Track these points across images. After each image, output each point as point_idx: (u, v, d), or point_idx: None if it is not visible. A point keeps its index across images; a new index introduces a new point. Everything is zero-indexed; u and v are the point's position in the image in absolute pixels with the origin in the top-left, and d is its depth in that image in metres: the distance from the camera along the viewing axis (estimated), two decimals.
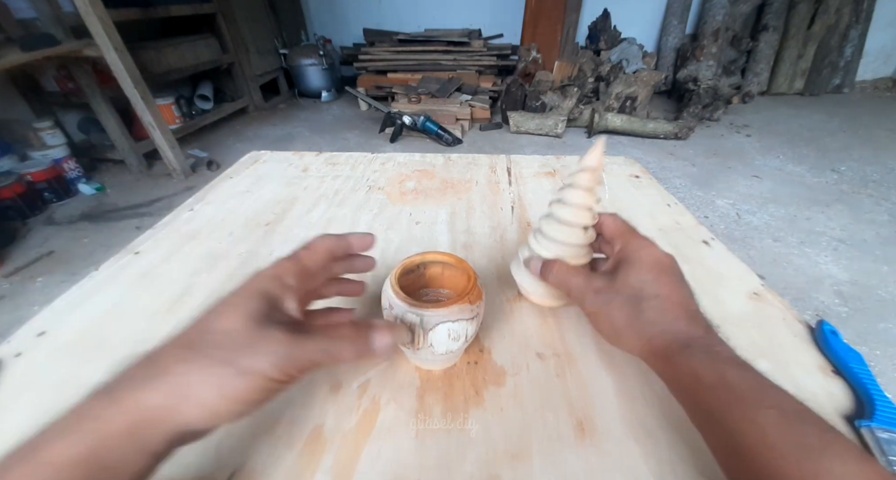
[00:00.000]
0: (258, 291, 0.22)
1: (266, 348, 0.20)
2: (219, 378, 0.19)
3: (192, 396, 0.18)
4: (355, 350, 0.22)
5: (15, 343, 0.35)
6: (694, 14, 3.13)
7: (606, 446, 0.27)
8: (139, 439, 0.18)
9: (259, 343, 0.20)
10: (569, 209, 0.32)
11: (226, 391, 0.19)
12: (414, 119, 2.36)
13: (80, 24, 1.66)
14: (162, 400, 0.18)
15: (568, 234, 0.32)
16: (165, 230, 0.50)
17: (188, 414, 0.18)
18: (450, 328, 0.27)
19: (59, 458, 0.17)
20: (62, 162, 1.91)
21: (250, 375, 0.19)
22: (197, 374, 0.19)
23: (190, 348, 0.19)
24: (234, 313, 0.21)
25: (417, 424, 0.28)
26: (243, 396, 0.19)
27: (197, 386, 0.18)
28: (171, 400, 0.18)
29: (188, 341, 0.20)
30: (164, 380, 0.18)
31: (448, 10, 3.41)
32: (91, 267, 0.44)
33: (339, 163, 0.68)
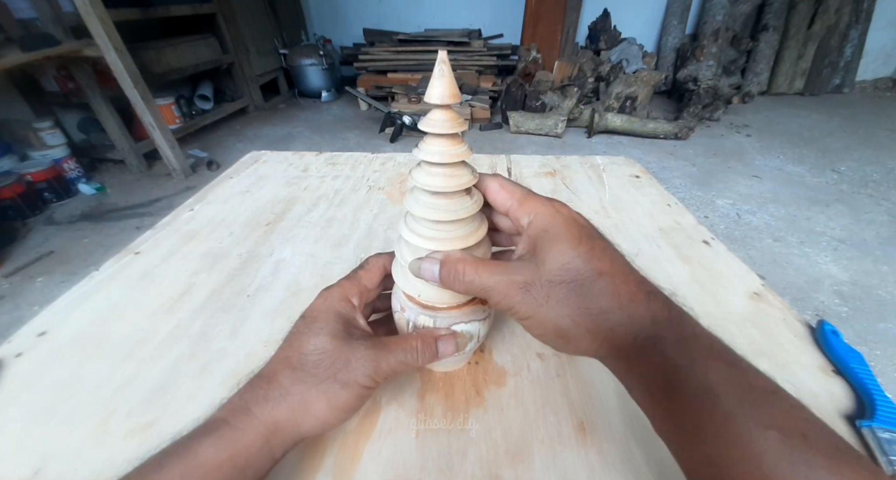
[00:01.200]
0: (333, 313, 0.25)
1: (357, 362, 0.23)
2: (327, 392, 0.22)
3: (310, 409, 0.22)
4: (427, 357, 0.25)
5: (15, 343, 0.35)
6: (694, 14, 3.13)
7: (607, 446, 0.27)
8: (269, 446, 0.21)
9: (350, 358, 0.23)
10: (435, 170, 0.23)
11: (333, 402, 0.23)
12: (414, 119, 2.36)
13: (80, 24, 1.66)
14: (289, 414, 0.22)
15: (447, 206, 0.24)
16: (165, 230, 0.50)
17: (307, 424, 0.22)
18: (463, 329, 0.27)
19: (208, 461, 0.20)
20: (62, 162, 1.91)
21: (350, 387, 0.23)
22: (312, 392, 0.22)
23: (298, 369, 0.23)
24: (320, 334, 0.24)
25: (418, 424, 0.28)
26: (347, 405, 0.23)
27: (313, 401, 0.22)
28: (296, 415, 0.22)
29: (293, 363, 0.23)
30: (288, 399, 0.22)
31: (448, 10, 3.41)
32: (91, 267, 0.44)
33: (340, 163, 0.68)
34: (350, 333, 0.25)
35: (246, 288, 0.41)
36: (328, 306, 0.26)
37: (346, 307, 0.26)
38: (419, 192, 0.25)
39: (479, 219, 0.26)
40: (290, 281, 0.42)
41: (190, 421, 0.22)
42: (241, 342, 0.35)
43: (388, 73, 3.02)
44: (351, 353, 0.23)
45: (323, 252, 0.46)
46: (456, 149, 0.23)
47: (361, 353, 0.23)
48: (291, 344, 0.24)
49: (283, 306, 0.39)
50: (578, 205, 0.54)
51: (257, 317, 0.37)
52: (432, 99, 0.21)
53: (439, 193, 0.24)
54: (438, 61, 0.21)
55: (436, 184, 0.23)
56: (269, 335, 0.36)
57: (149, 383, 0.32)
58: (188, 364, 0.33)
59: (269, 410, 0.22)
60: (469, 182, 0.24)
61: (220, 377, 0.32)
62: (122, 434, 0.28)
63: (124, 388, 0.31)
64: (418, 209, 0.24)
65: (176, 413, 0.29)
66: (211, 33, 2.63)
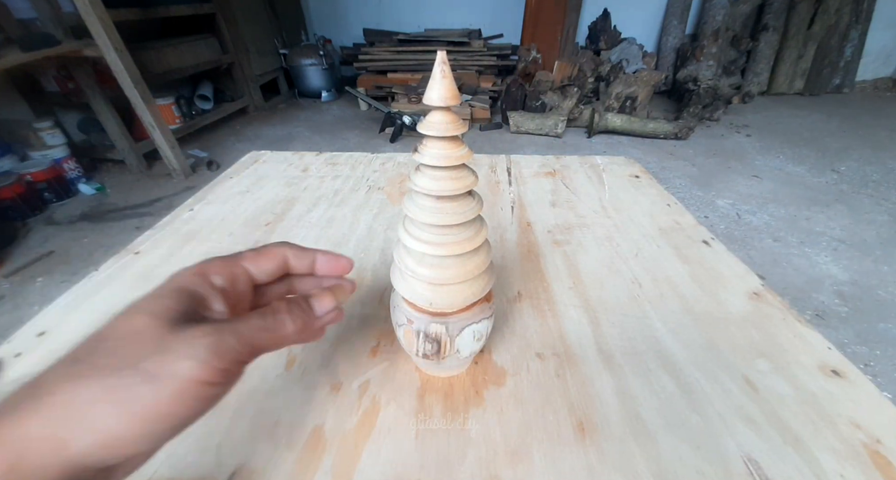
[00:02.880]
0: (176, 289, 0.18)
1: (185, 345, 0.16)
2: (117, 391, 0.14)
3: (84, 419, 0.14)
4: (300, 321, 0.20)
5: (15, 343, 0.35)
6: (694, 14, 3.13)
7: (606, 446, 0.27)
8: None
9: (173, 342, 0.16)
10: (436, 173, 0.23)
11: (130, 406, 0.14)
12: (414, 119, 2.36)
13: (80, 24, 1.66)
14: (42, 427, 0.14)
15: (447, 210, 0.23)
16: (165, 230, 0.50)
17: (80, 444, 0.14)
18: (474, 329, 0.27)
19: None
20: (62, 162, 1.91)
21: (165, 380, 0.15)
22: (86, 390, 0.14)
23: (80, 359, 0.15)
24: (138, 314, 0.16)
25: (417, 424, 0.28)
26: (158, 409, 0.15)
27: (88, 405, 0.14)
28: (55, 428, 0.14)
29: (78, 354, 0.16)
30: (45, 402, 0.14)
31: (448, 10, 3.41)
32: (91, 267, 0.44)
33: (339, 163, 0.68)
34: (191, 316, 0.17)
35: None
36: (172, 280, 0.19)
37: (199, 284, 0.19)
38: (418, 196, 0.24)
39: (480, 223, 0.26)
40: None
41: None
42: None
43: (388, 73, 3.02)
44: (177, 336, 0.16)
45: None
46: (456, 152, 0.22)
47: (189, 333, 0.16)
48: (97, 331, 0.17)
49: None
50: (578, 205, 0.54)
51: None
52: (431, 100, 0.21)
53: (440, 197, 0.23)
54: (437, 62, 0.20)
55: (436, 187, 0.23)
56: None
57: None
58: None
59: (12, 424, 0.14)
60: (470, 185, 0.23)
61: None
62: None
63: None
64: (418, 213, 0.24)
65: None
66: (211, 33, 2.63)
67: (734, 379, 0.31)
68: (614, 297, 0.39)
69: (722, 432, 0.27)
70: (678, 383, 0.31)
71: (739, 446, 0.26)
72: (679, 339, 0.34)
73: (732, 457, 0.26)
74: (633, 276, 0.41)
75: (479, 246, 0.25)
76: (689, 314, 0.37)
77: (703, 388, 0.30)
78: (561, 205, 0.54)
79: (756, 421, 0.28)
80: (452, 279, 0.25)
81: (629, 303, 0.38)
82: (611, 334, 0.35)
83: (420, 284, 0.25)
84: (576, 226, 0.50)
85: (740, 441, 0.27)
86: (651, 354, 0.33)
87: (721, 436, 0.27)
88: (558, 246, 0.46)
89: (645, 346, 0.34)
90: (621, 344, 0.34)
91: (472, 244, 0.24)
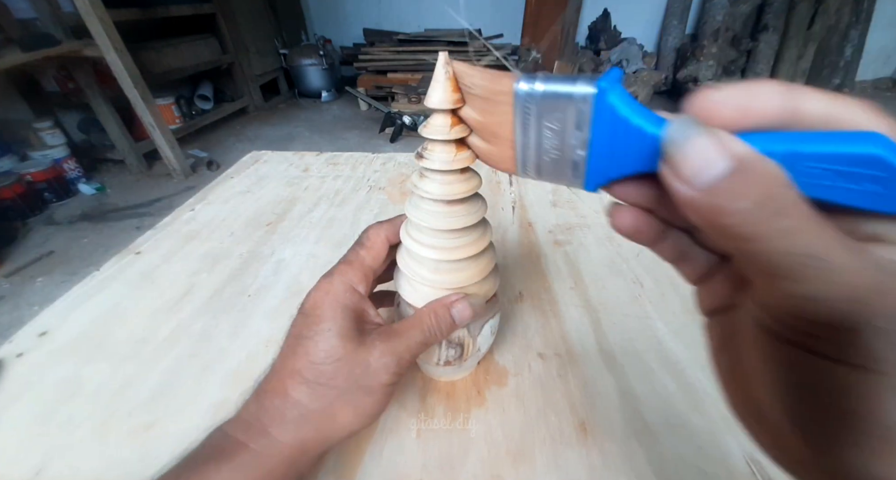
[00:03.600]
0: (339, 308, 0.22)
1: (376, 362, 0.21)
2: (352, 403, 0.21)
3: (336, 423, 0.21)
4: (445, 330, 0.23)
5: (16, 343, 0.35)
6: (694, 14, 3.13)
7: (608, 446, 0.27)
8: (295, 468, 0.20)
9: (369, 360, 0.21)
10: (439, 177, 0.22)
11: (360, 410, 0.21)
12: (414, 119, 2.36)
13: (80, 24, 1.66)
14: (314, 433, 0.21)
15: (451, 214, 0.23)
16: (166, 230, 0.50)
17: (334, 437, 0.21)
18: (491, 325, 0.28)
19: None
20: (62, 162, 1.91)
21: (375, 391, 0.21)
22: (336, 404, 0.21)
23: (314, 383, 0.21)
24: (329, 338, 0.21)
25: (419, 424, 0.28)
26: (374, 409, 0.22)
27: (338, 414, 0.21)
28: (321, 432, 0.21)
29: (306, 376, 0.21)
30: (311, 417, 0.20)
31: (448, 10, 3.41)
32: (91, 267, 0.44)
33: (340, 163, 0.68)
34: (360, 330, 0.22)
35: (247, 288, 0.41)
36: (332, 301, 0.22)
37: (352, 298, 0.23)
38: (421, 200, 0.23)
39: (484, 227, 0.25)
40: (291, 281, 0.42)
41: (190, 422, 0.22)
42: (241, 342, 0.35)
43: (388, 73, 3.01)
44: (368, 354, 0.21)
45: (324, 252, 0.46)
46: (460, 155, 0.22)
47: (379, 351, 0.22)
48: (296, 352, 0.22)
49: (283, 306, 0.39)
50: (579, 205, 0.54)
51: (258, 318, 0.37)
52: (433, 103, 0.20)
53: (442, 201, 0.23)
54: (439, 63, 0.20)
55: (439, 192, 0.22)
56: (270, 335, 0.36)
57: (150, 383, 0.32)
58: (189, 364, 0.33)
59: (291, 432, 0.20)
60: (474, 188, 0.23)
61: (220, 377, 0.32)
62: (123, 435, 0.28)
63: (125, 388, 0.31)
64: (421, 217, 0.23)
65: (177, 414, 0.29)
66: (211, 33, 2.63)
67: None
68: (615, 297, 0.39)
69: (724, 432, 0.27)
70: (680, 383, 0.31)
71: (741, 446, 0.26)
72: (681, 339, 0.34)
73: (735, 457, 0.26)
74: (634, 276, 0.41)
75: (480, 253, 0.25)
76: (691, 314, 0.37)
77: (705, 388, 0.30)
78: (562, 204, 0.54)
79: None
80: (468, 280, 0.24)
81: (630, 303, 0.38)
82: (612, 334, 0.35)
83: (436, 292, 0.25)
84: (577, 226, 0.50)
85: (742, 441, 0.27)
86: (653, 354, 0.33)
87: (723, 436, 0.27)
88: (559, 246, 0.46)
89: (646, 346, 0.34)
90: (623, 343, 0.34)
91: (483, 243, 0.24)
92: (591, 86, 0.13)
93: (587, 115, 0.13)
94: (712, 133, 0.10)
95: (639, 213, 0.15)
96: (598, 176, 0.15)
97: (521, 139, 0.16)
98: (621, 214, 0.15)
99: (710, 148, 0.09)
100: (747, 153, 0.09)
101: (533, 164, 0.16)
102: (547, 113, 0.14)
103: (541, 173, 0.16)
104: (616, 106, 0.13)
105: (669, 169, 0.10)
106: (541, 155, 0.16)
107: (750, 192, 0.09)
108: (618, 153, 0.13)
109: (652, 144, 0.12)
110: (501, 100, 0.16)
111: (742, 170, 0.09)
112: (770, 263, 0.09)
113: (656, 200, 0.14)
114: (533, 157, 0.16)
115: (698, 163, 0.09)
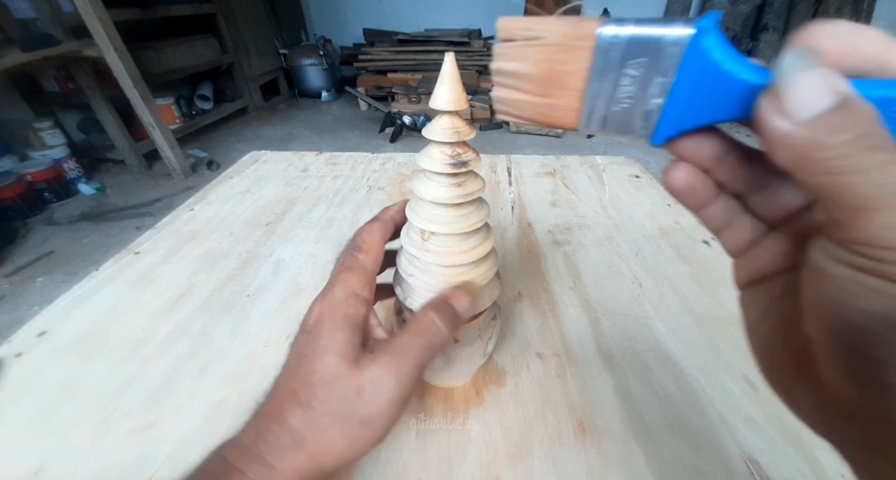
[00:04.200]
0: (340, 320, 0.21)
1: (372, 387, 0.20)
2: (346, 432, 0.20)
3: (332, 452, 0.20)
4: (451, 326, 0.22)
5: (15, 343, 0.35)
6: (694, 14, 3.13)
7: (607, 446, 0.27)
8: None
9: (363, 384, 0.20)
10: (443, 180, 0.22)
11: (354, 441, 0.20)
12: (414, 119, 2.36)
13: (80, 24, 1.66)
14: (309, 462, 0.19)
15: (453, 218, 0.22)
16: (165, 230, 0.50)
17: (330, 466, 0.20)
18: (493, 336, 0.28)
19: None
20: (62, 162, 1.91)
21: (372, 422, 0.20)
22: (328, 433, 0.19)
23: (307, 407, 0.20)
24: (326, 355, 0.20)
25: (418, 424, 0.28)
26: (371, 438, 0.20)
27: (332, 443, 0.19)
28: (317, 461, 0.19)
29: (301, 399, 0.20)
30: (304, 445, 0.19)
31: (448, 10, 3.41)
32: (91, 267, 0.44)
33: (339, 163, 0.68)
34: (361, 346, 0.21)
35: (246, 288, 0.41)
36: (333, 313, 0.21)
37: (355, 306, 0.21)
38: (423, 204, 0.23)
39: (486, 231, 0.25)
40: (291, 281, 0.42)
41: (189, 422, 0.22)
42: (241, 342, 0.35)
43: (388, 73, 3.01)
44: (361, 377, 0.20)
45: (323, 252, 0.46)
46: (465, 157, 0.21)
47: (374, 373, 0.20)
48: (296, 372, 0.20)
49: (283, 306, 0.39)
50: (579, 205, 0.54)
51: (257, 318, 0.37)
52: (440, 104, 0.19)
53: (445, 205, 0.22)
54: (445, 63, 0.19)
55: (442, 195, 0.21)
56: (270, 335, 0.36)
57: (149, 383, 0.32)
58: (188, 364, 0.33)
59: (287, 461, 0.19)
60: (478, 191, 0.22)
61: (220, 377, 0.32)
62: (123, 435, 0.28)
63: (124, 388, 0.31)
64: (423, 221, 0.23)
65: (176, 414, 0.29)
66: (211, 33, 2.63)
67: (734, 379, 0.31)
68: (614, 297, 0.39)
69: (722, 432, 0.27)
70: (678, 383, 0.31)
71: (740, 446, 0.26)
72: (679, 339, 0.34)
73: (733, 457, 0.26)
74: (633, 276, 0.41)
75: (483, 257, 0.24)
76: (690, 314, 0.37)
77: (704, 388, 0.30)
78: (561, 205, 0.54)
79: (756, 421, 0.28)
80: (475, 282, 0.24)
81: (629, 303, 0.38)
82: (611, 334, 0.35)
83: None
84: (576, 226, 0.50)
85: (741, 441, 0.27)
86: (651, 354, 0.33)
87: (722, 436, 0.27)
88: (558, 247, 0.46)
89: (645, 346, 0.34)
90: (621, 344, 0.34)
91: (487, 247, 0.24)
92: (687, 27, 0.12)
93: (676, 60, 0.13)
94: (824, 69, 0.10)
95: (696, 170, 0.15)
96: (670, 126, 0.14)
97: (594, 87, 0.15)
98: (678, 170, 0.15)
99: (819, 83, 0.10)
100: (850, 91, 0.10)
101: (599, 116, 0.15)
102: (631, 58, 0.13)
103: (605, 125, 0.15)
104: (710, 49, 0.12)
105: (772, 102, 0.10)
106: (611, 105, 0.15)
107: (850, 127, 0.10)
108: (699, 101, 0.13)
109: (740, 90, 0.12)
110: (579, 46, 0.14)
111: (844, 106, 0.10)
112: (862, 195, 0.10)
113: (717, 158, 0.14)
114: (601, 108, 0.15)
115: (806, 96, 0.10)
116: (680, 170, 0.15)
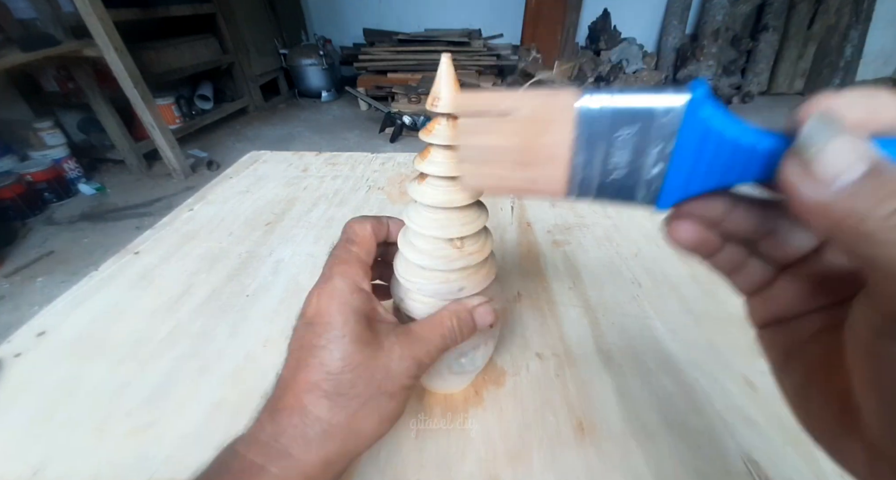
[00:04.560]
0: (350, 312, 0.21)
1: (397, 366, 0.21)
2: (377, 409, 0.20)
3: (362, 433, 0.20)
4: (466, 332, 0.23)
5: (15, 343, 0.35)
6: (694, 14, 3.13)
7: (606, 446, 0.27)
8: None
9: (388, 364, 0.21)
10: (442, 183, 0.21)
11: (384, 415, 0.21)
12: (414, 119, 2.36)
13: (80, 24, 1.66)
14: (339, 448, 0.20)
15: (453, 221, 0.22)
16: (165, 230, 0.50)
17: (359, 450, 0.20)
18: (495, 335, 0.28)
19: None
20: (62, 162, 1.91)
21: (397, 394, 0.21)
22: (360, 414, 0.20)
23: (334, 394, 0.20)
24: (343, 344, 0.20)
25: (417, 424, 0.28)
26: (396, 412, 0.21)
27: (362, 422, 0.20)
28: (346, 445, 0.20)
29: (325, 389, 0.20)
30: (335, 433, 0.20)
31: (448, 9, 3.41)
32: (91, 267, 0.44)
33: (339, 163, 0.68)
34: (374, 331, 0.21)
35: (246, 288, 0.41)
36: (340, 304, 0.21)
37: (360, 298, 0.22)
38: (422, 207, 0.22)
39: (486, 235, 0.24)
40: (290, 281, 0.42)
41: (189, 422, 0.22)
42: (240, 342, 0.35)
43: (388, 73, 3.01)
44: (387, 358, 0.21)
45: (323, 252, 0.46)
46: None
47: (398, 353, 0.21)
48: (308, 363, 0.20)
49: (282, 306, 0.39)
50: (578, 205, 0.54)
51: (257, 318, 0.37)
52: (439, 107, 0.19)
53: (445, 209, 0.22)
54: (442, 65, 0.19)
55: (442, 198, 0.21)
56: (269, 335, 0.36)
57: (148, 383, 0.32)
58: (188, 364, 0.33)
59: (314, 451, 0.19)
60: (476, 194, 0.22)
61: (219, 377, 0.32)
62: (122, 435, 0.28)
63: (124, 388, 0.31)
64: (422, 225, 0.22)
65: (175, 414, 0.29)
66: (211, 33, 2.63)
67: (734, 379, 0.31)
68: (614, 297, 0.39)
69: (722, 432, 0.27)
70: (678, 383, 0.31)
71: (739, 446, 0.26)
72: (679, 339, 0.34)
73: (732, 457, 0.26)
74: (632, 276, 0.41)
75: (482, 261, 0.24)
76: (689, 314, 0.37)
77: (703, 388, 0.30)
78: (561, 204, 0.54)
79: (756, 421, 0.28)
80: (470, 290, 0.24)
81: (629, 303, 0.38)
82: (610, 334, 0.35)
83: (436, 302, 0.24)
84: (575, 226, 0.50)
85: (740, 441, 0.27)
86: (651, 354, 0.33)
87: (721, 436, 0.27)
88: (558, 246, 0.46)
89: (644, 346, 0.34)
90: (621, 344, 0.34)
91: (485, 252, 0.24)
92: (678, 99, 0.12)
93: (672, 128, 0.12)
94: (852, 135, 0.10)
95: (701, 227, 0.14)
96: (676, 192, 0.14)
97: (582, 157, 0.14)
98: (683, 228, 0.14)
99: (849, 149, 0.09)
100: (882, 157, 0.10)
101: (592, 184, 0.15)
102: (620, 127, 0.13)
103: (601, 194, 0.15)
104: (709, 118, 0.12)
105: (800, 169, 0.10)
106: (605, 172, 0.14)
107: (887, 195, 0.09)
108: (702, 166, 0.13)
109: (747, 156, 0.12)
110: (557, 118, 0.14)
111: (877, 172, 0.09)
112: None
113: (723, 214, 0.14)
114: (594, 176, 0.14)
115: (839, 164, 0.09)
116: (685, 229, 0.14)
